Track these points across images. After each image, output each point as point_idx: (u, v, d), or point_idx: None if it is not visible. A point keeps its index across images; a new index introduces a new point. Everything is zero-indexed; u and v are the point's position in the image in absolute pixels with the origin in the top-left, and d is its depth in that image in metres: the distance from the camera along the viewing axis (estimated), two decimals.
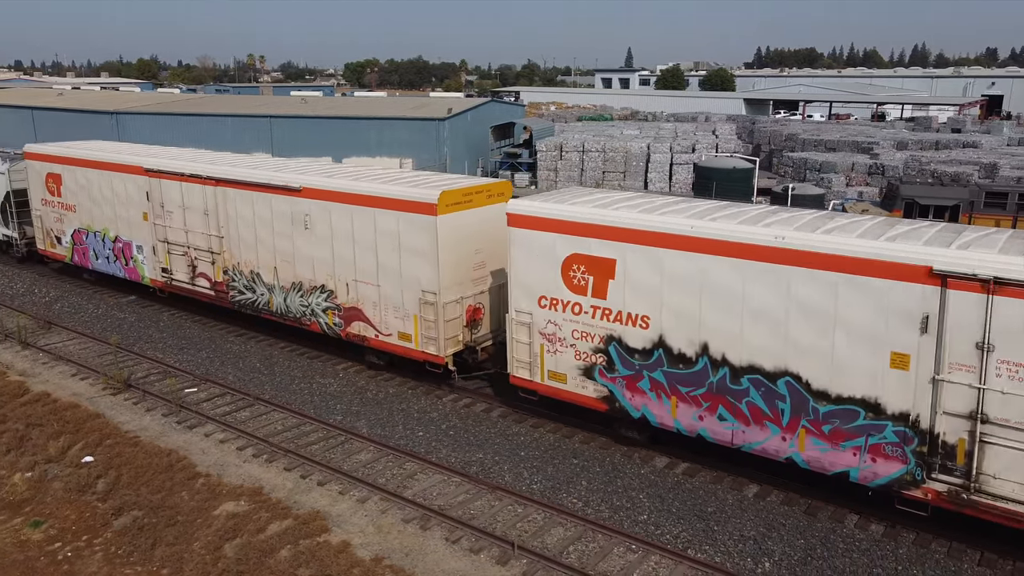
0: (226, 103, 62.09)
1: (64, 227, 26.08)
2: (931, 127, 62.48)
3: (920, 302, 11.31)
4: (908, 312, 11.40)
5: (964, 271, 10.95)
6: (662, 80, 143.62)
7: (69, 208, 25.59)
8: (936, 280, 11.13)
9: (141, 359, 20.14)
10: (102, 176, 23.94)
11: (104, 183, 23.95)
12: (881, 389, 11.82)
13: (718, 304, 13.07)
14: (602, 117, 78.96)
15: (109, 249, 24.67)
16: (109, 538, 12.89)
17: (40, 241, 27.46)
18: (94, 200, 24.55)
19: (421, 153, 48.92)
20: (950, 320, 11.14)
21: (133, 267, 24.05)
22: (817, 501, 13.25)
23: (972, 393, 11.21)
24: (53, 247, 26.88)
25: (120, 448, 15.46)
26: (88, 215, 24.99)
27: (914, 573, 11.43)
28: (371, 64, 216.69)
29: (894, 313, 11.52)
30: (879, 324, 11.64)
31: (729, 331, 13.04)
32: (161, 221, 22.46)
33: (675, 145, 49.19)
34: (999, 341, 10.87)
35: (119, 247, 24.31)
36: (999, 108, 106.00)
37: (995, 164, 37.19)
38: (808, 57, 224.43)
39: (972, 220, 24.13)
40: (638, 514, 13.03)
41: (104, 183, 23.95)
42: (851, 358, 11.96)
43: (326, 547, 12.17)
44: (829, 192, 37.29)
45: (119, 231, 24.08)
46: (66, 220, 25.89)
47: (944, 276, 11.07)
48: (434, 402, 17.52)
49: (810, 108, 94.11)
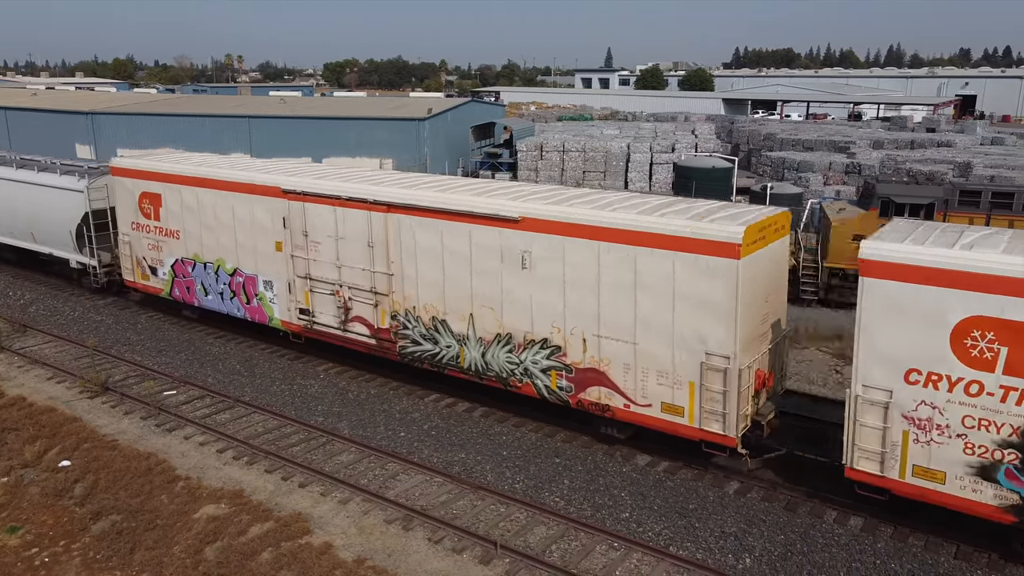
0: (204, 103, 61.55)
1: (162, 256, 22.00)
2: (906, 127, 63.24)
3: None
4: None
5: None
6: (642, 80, 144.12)
7: (171, 234, 21.55)
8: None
9: (119, 362, 19.92)
10: (220, 197, 20.00)
11: (222, 206, 20.00)
12: None
13: None
14: (582, 117, 79.16)
15: (224, 284, 20.70)
16: (87, 543, 12.75)
17: (127, 271, 23.32)
18: (206, 226, 20.58)
19: (401, 153, 48.80)
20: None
21: (258, 306, 20.07)
22: (797, 497, 13.39)
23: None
24: (145, 278, 22.79)
25: (98, 452, 15.29)
26: (197, 243, 21.00)
27: (892, 567, 11.58)
28: (350, 64, 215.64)
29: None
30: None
31: None
32: (302, 253, 18.55)
33: (655, 145, 49.45)
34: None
35: (238, 282, 20.34)
36: (972, 108, 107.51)
37: (969, 163, 37.72)
38: (786, 57, 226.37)
39: (947, 218, 24.46)
40: (620, 512, 13.10)
41: (222, 206, 20.00)
42: None
43: (308, 549, 12.11)
44: (807, 191, 37.66)
45: (239, 263, 20.13)
46: (165, 248, 21.83)
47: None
48: (416, 402, 17.48)
49: (788, 108, 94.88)
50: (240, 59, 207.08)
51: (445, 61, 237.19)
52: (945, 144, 49.45)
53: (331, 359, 19.74)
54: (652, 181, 48.07)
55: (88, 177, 24.01)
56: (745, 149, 57.35)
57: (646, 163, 48.28)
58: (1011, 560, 11.64)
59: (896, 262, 11.43)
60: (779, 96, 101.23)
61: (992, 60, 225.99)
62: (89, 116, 52.22)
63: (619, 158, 48.44)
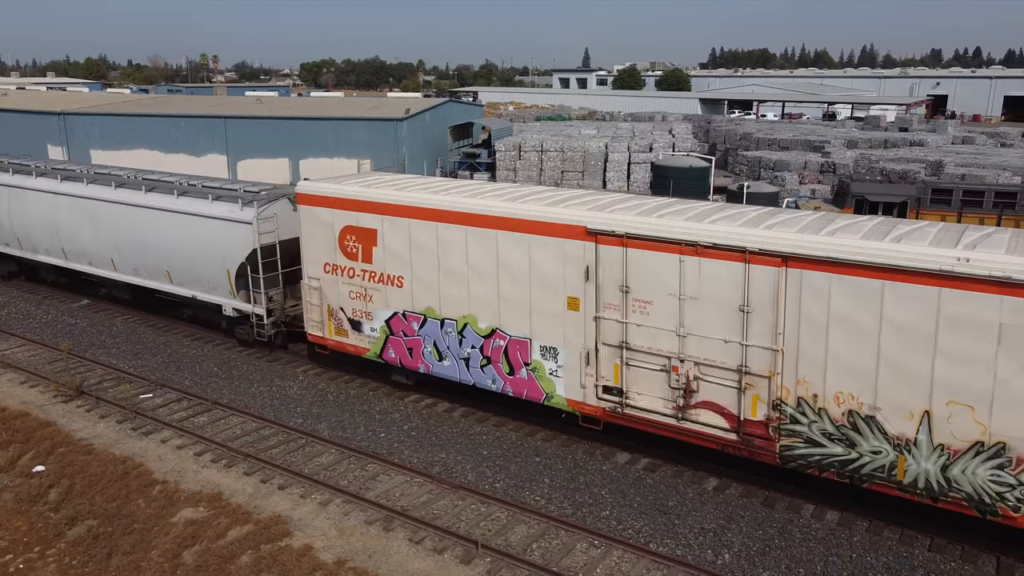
0: (179, 104, 60.93)
1: (372, 307, 17.45)
2: (880, 126, 64.09)
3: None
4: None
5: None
6: (619, 80, 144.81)
7: (389, 280, 17.02)
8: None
9: (94, 365, 19.68)
10: (476, 236, 15.47)
11: (480, 247, 15.46)
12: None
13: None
14: (560, 117, 79.38)
15: (474, 347, 16.16)
16: (63, 548, 12.59)
17: (313, 324, 18.62)
18: (449, 271, 16.06)
19: (379, 154, 48.64)
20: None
21: (528, 379, 15.58)
22: (774, 493, 13.53)
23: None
24: (341, 334, 18.18)
25: (73, 456, 15.10)
26: (431, 293, 16.47)
27: (868, 560, 11.75)
28: (327, 64, 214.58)
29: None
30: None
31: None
32: (616, 314, 14.15)
33: (632, 144, 49.74)
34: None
35: (497, 346, 15.81)
36: (944, 107, 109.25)
37: (940, 162, 38.34)
38: (761, 58, 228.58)
39: (920, 216, 24.85)
40: (600, 510, 13.16)
41: (480, 247, 15.46)
42: None
43: (288, 551, 12.05)
44: (783, 190, 38.08)
45: (501, 322, 15.62)
46: (379, 297, 17.27)
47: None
48: (396, 403, 17.45)
49: (763, 108, 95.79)
50: (215, 59, 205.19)
51: (423, 61, 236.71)
52: (917, 143, 50.22)
53: (307, 360, 19.65)
54: (630, 181, 48.37)
55: (256, 205, 19.16)
56: (722, 149, 57.84)
57: (624, 163, 48.60)
58: (985, 551, 11.85)
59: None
60: (755, 96, 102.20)
61: (963, 60, 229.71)
62: (61, 116, 51.52)
63: (597, 158, 48.71)
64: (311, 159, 49.92)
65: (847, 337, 12.00)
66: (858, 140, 51.28)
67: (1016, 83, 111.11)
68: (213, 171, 47.99)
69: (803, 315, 12.31)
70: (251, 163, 50.63)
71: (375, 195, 16.87)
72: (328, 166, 49.38)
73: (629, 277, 13.84)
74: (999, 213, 24.26)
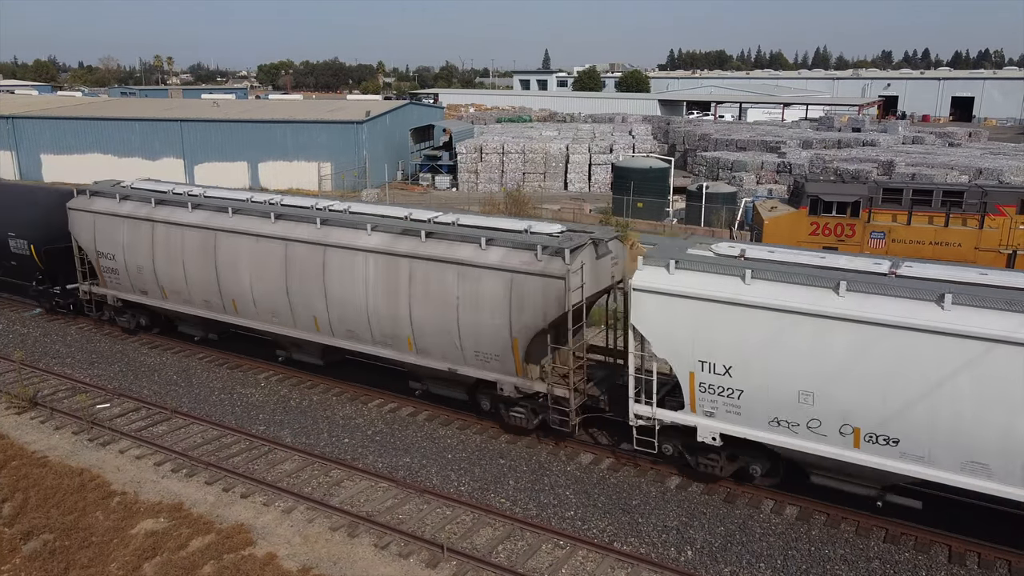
0: (133, 107, 59.81)
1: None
2: (833, 126, 65.36)
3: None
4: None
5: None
6: (579, 81, 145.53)
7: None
8: None
9: (48, 375, 19.23)
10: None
11: None
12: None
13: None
14: (521, 118, 79.54)
15: None
16: (18, 564, 12.30)
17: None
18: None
19: (340, 157, 48.33)
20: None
21: None
22: (736, 489, 13.77)
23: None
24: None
25: (27, 469, 14.75)
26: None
27: (826, 552, 12.03)
28: (285, 66, 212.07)
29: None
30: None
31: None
32: None
33: (593, 146, 50.08)
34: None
35: None
36: (895, 108, 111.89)
37: (892, 161, 39.28)
38: (718, 59, 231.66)
39: (872, 215, 25.44)
40: (565, 510, 13.27)
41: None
42: None
43: (251, 560, 11.93)
44: (741, 190, 38.68)
45: None
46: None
47: None
48: (359, 408, 17.36)
49: (721, 108, 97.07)
50: (170, 60, 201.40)
51: (383, 63, 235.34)
52: (870, 143, 51.36)
53: (272, 367, 19.44)
54: (591, 182, 48.70)
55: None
56: (681, 149, 58.49)
57: (585, 164, 48.93)
58: (937, 540, 12.22)
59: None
60: (713, 97, 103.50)
61: (912, 62, 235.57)
62: (10, 120, 50.23)
63: (558, 159, 48.96)
64: (270, 162, 49.43)
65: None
66: (813, 140, 52.25)
67: (962, 84, 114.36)
68: (169, 175, 47.27)
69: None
70: (209, 167, 49.95)
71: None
72: (288, 170, 48.99)
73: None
74: (947, 212, 24.92)
